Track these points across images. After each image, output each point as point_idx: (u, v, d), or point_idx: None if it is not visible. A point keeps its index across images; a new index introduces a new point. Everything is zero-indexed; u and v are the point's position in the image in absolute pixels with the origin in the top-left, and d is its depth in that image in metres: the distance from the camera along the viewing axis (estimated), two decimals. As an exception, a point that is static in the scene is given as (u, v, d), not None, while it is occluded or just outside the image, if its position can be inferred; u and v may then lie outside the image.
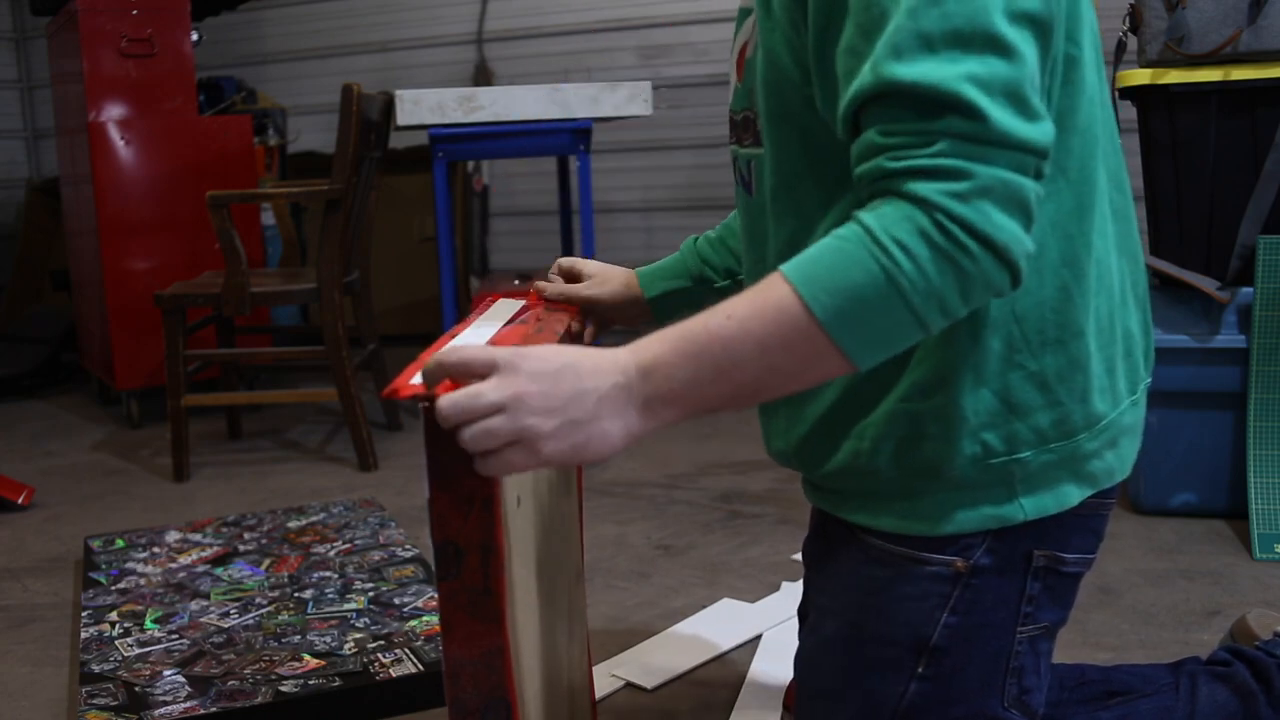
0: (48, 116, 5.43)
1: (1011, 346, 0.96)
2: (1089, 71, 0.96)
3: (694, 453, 2.79)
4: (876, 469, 1.01)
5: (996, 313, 0.95)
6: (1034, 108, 0.81)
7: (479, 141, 2.98)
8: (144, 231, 3.32)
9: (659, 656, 1.64)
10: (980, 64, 0.80)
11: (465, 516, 0.76)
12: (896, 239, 0.79)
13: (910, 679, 1.03)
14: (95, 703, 1.51)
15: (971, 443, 0.97)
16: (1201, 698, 1.19)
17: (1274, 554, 1.92)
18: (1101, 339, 1.00)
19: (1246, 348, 2.00)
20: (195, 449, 2.98)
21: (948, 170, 0.79)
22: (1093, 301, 0.99)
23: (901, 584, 1.02)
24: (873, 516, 1.04)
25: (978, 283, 0.81)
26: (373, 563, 1.99)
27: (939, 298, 0.81)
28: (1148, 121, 2.16)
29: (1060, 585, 1.05)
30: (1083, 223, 0.97)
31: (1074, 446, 0.99)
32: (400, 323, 4.45)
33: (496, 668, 0.77)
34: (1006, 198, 0.80)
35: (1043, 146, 0.82)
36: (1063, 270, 0.96)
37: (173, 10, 3.34)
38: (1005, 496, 0.99)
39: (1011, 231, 0.80)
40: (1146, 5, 2.10)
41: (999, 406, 0.97)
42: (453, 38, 4.87)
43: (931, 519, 1.00)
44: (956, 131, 0.79)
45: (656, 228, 4.55)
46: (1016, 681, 1.04)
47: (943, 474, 0.99)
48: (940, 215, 0.79)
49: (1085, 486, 1.01)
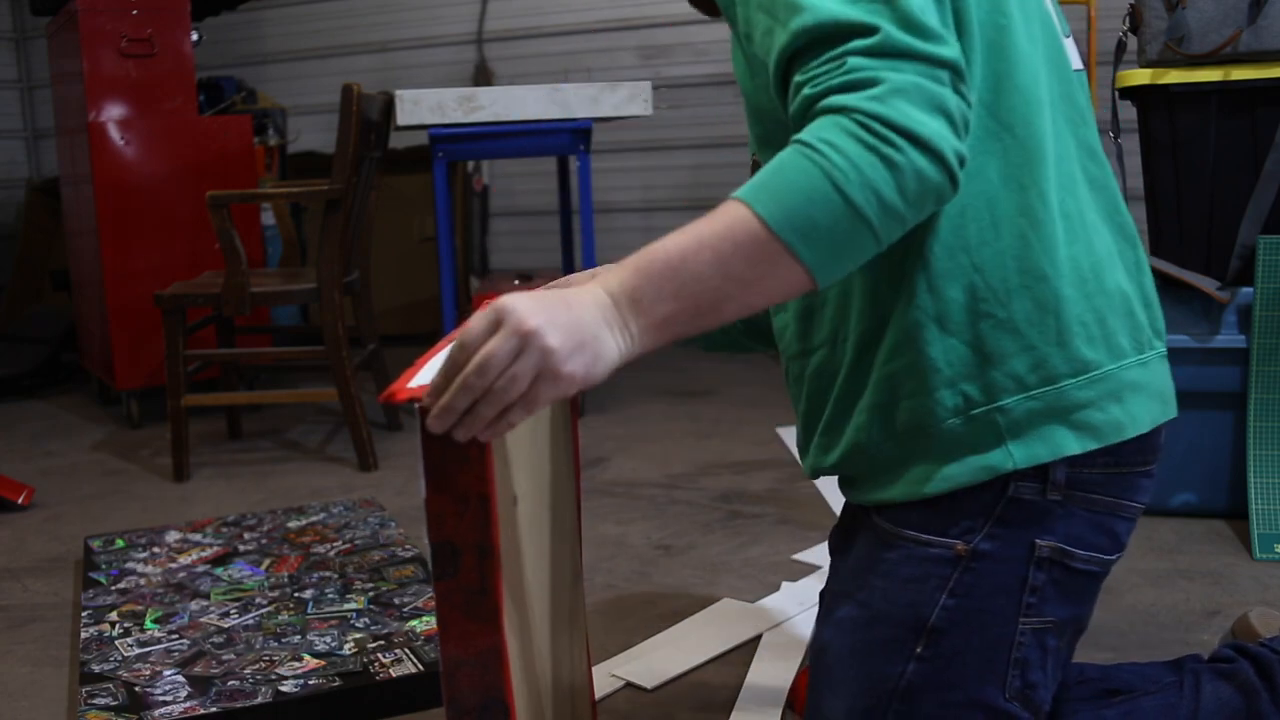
0: (48, 116, 5.44)
1: (976, 296, 0.99)
2: (1020, 39, 1.01)
3: (694, 453, 2.79)
4: (874, 442, 1.05)
5: (951, 263, 0.99)
6: (928, 29, 0.88)
7: (479, 141, 2.98)
8: (144, 231, 3.32)
9: (659, 656, 1.64)
10: (867, 6, 0.88)
11: (461, 516, 0.76)
12: (825, 139, 0.85)
13: (909, 659, 1.04)
14: (95, 703, 1.51)
15: (951, 394, 1.00)
16: (1205, 695, 1.19)
17: (1274, 554, 1.92)
18: (1084, 287, 1.02)
19: (1246, 348, 2.00)
20: (195, 449, 2.98)
21: (860, 81, 0.85)
22: (1064, 250, 1.01)
23: (905, 566, 1.04)
24: (883, 490, 1.07)
25: (909, 174, 0.85)
26: (373, 563, 1.99)
27: (874, 190, 0.84)
28: (1148, 121, 2.16)
29: (1070, 581, 1.05)
30: (1035, 174, 1.00)
31: (1059, 393, 1.00)
32: (400, 323, 4.46)
33: (493, 667, 0.77)
34: (923, 99, 0.85)
35: (947, 59, 0.87)
36: (1019, 219, 1.00)
37: (173, 10, 3.34)
38: (993, 444, 1.01)
39: (933, 126, 0.85)
40: (1146, 5, 2.10)
41: (972, 356, 1.00)
42: (453, 38, 4.87)
43: (921, 479, 1.03)
44: (861, 49, 0.86)
45: (656, 228, 4.55)
46: (1020, 674, 1.04)
47: (929, 431, 1.01)
48: (860, 115, 0.84)
49: (1086, 438, 1.01)
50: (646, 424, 3.11)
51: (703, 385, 3.59)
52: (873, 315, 1.04)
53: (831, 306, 1.09)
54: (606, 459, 2.76)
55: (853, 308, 1.06)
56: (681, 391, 3.51)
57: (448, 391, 0.81)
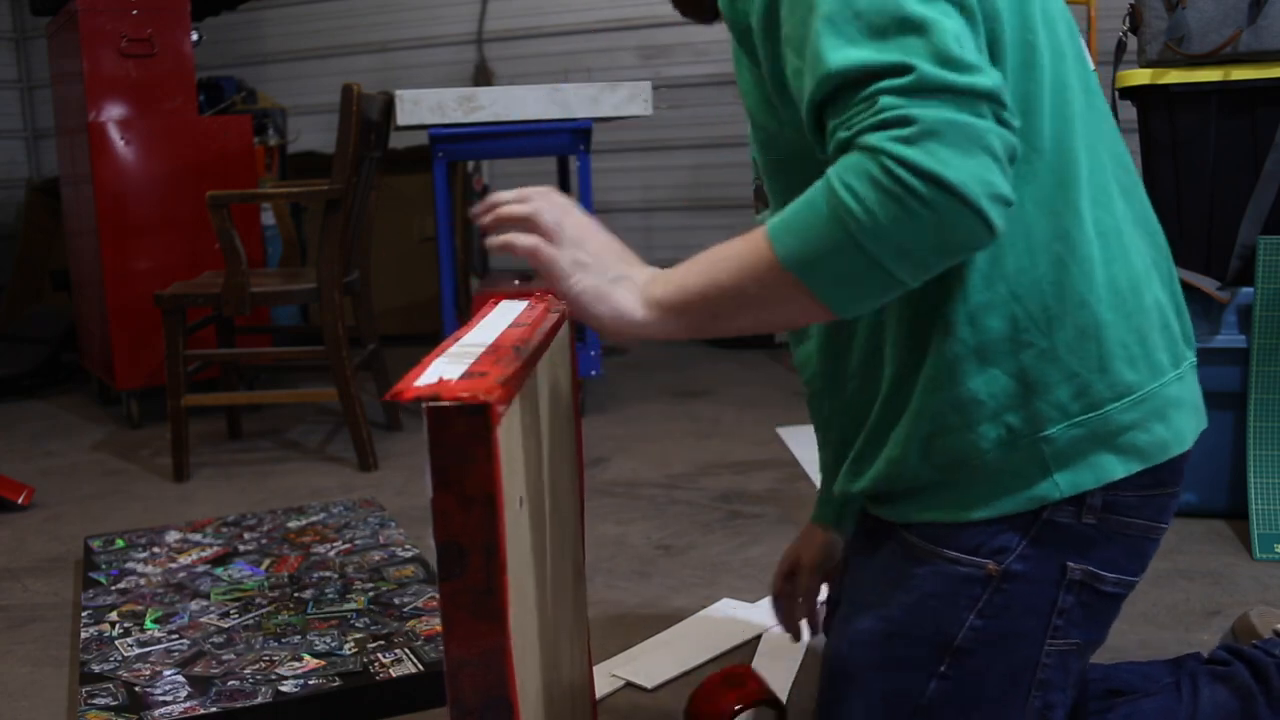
0: (48, 116, 5.43)
1: (1016, 325, 0.97)
2: (1046, 55, 0.98)
3: (694, 453, 2.79)
4: (910, 469, 1.03)
5: (990, 294, 0.97)
6: (962, 61, 0.83)
7: (479, 141, 2.98)
8: (144, 231, 3.32)
9: (659, 656, 1.64)
10: (899, 44, 0.84)
11: (468, 516, 0.76)
12: (846, 183, 0.83)
13: (932, 677, 1.03)
14: (95, 703, 1.51)
15: (994, 426, 0.98)
16: (1203, 699, 1.19)
17: (1274, 554, 1.92)
18: (1123, 308, 1.00)
19: (1246, 348, 2.00)
20: (195, 449, 2.98)
21: (892, 120, 0.82)
22: (1101, 272, 0.99)
23: (935, 583, 1.03)
24: (920, 510, 1.05)
25: (931, 225, 0.82)
26: (373, 563, 1.99)
27: (893, 240, 0.83)
28: (1148, 121, 2.16)
29: (1097, 604, 1.04)
30: (1068, 197, 0.98)
31: (1104, 419, 0.99)
32: (400, 323, 4.45)
33: (497, 667, 0.77)
34: (960, 137, 0.81)
35: (986, 89, 0.83)
36: (1055, 245, 0.98)
37: (173, 10, 3.34)
38: (1038, 474, 0.99)
39: (968, 169, 0.81)
40: (1146, 5, 2.10)
41: (1015, 387, 0.98)
42: (453, 38, 4.87)
43: (966, 505, 1.01)
44: (893, 88, 0.83)
45: (656, 228, 4.55)
46: (1041, 695, 1.04)
47: (972, 463, 1.00)
48: (886, 159, 0.81)
49: (1131, 460, 1.00)
50: (646, 424, 3.11)
51: (703, 385, 3.59)
52: (909, 347, 1.02)
53: (862, 337, 1.07)
54: (606, 459, 2.76)
55: (886, 339, 1.04)
56: (681, 391, 3.51)
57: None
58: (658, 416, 3.20)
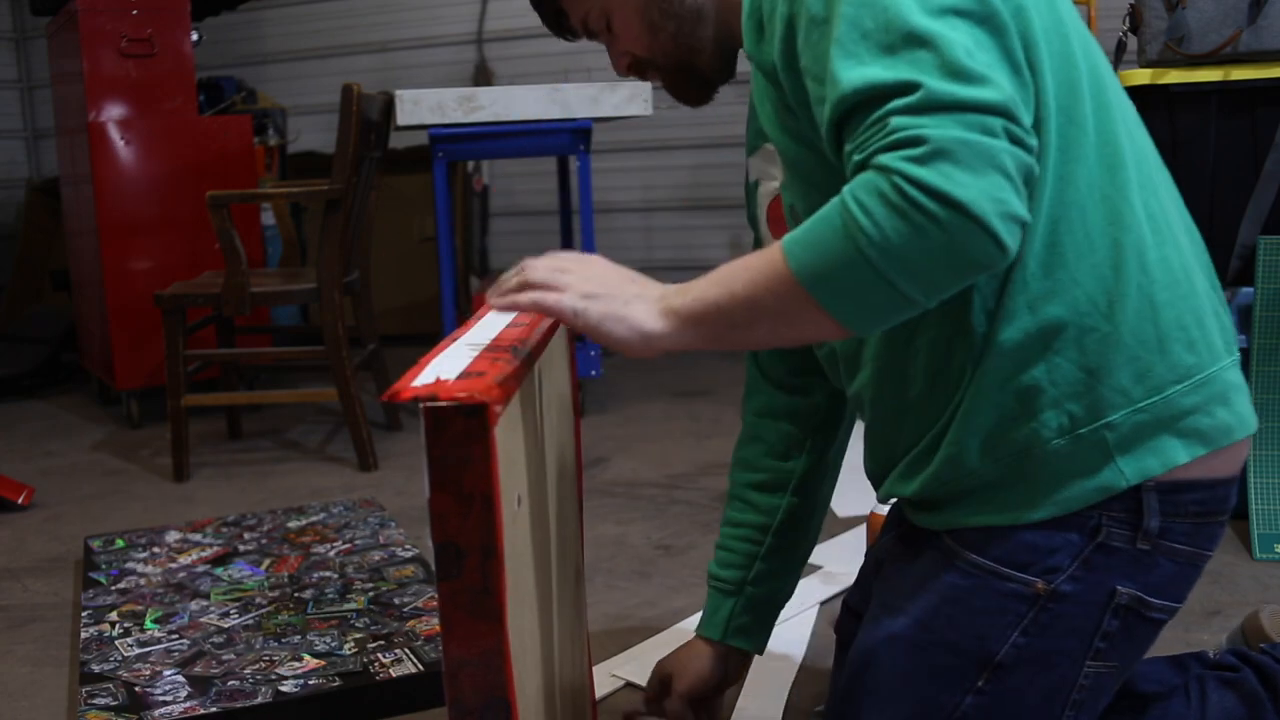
0: (48, 116, 5.43)
1: (1078, 311, 0.97)
2: (1077, 47, 0.98)
3: (694, 453, 2.79)
4: (969, 466, 1.01)
5: (1050, 281, 0.96)
6: (972, 73, 0.83)
7: (479, 141, 2.98)
8: (144, 231, 3.32)
9: (659, 656, 1.64)
10: (908, 59, 0.85)
11: (465, 516, 0.76)
12: (859, 200, 0.83)
13: (968, 692, 1.03)
14: (95, 703, 1.51)
15: (1056, 414, 0.97)
16: (1211, 704, 1.18)
17: (1274, 554, 1.92)
18: (1177, 289, 0.99)
19: (1246, 348, 2.00)
20: (195, 449, 2.98)
21: (903, 140, 0.82)
22: (1154, 253, 0.98)
23: (980, 597, 1.02)
24: (976, 514, 1.03)
25: (941, 243, 0.82)
26: (373, 563, 1.99)
27: (902, 259, 0.83)
28: (1148, 122, 2.14)
29: (1140, 629, 1.03)
30: (1116, 180, 0.98)
31: (1166, 402, 0.98)
32: (400, 323, 4.45)
33: (496, 667, 0.77)
34: (972, 156, 0.81)
35: (994, 104, 0.83)
36: (1110, 229, 0.97)
37: (173, 10, 3.34)
38: (1102, 462, 0.98)
39: (979, 188, 0.81)
40: (1146, 5, 2.10)
41: (1078, 374, 0.97)
42: (453, 38, 4.87)
43: (1030, 503, 1.00)
44: (902, 107, 0.83)
45: (656, 227, 4.55)
46: (1075, 715, 1.03)
47: (1033, 453, 0.98)
48: (897, 178, 0.82)
49: (1195, 444, 0.99)
50: (646, 424, 3.11)
51: (703, 385, 3.59)
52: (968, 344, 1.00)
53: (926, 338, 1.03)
54: (606, 459, 2.76)
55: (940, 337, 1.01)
56: (681, 391, 3.51)
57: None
58: (658, 416, 3.20)
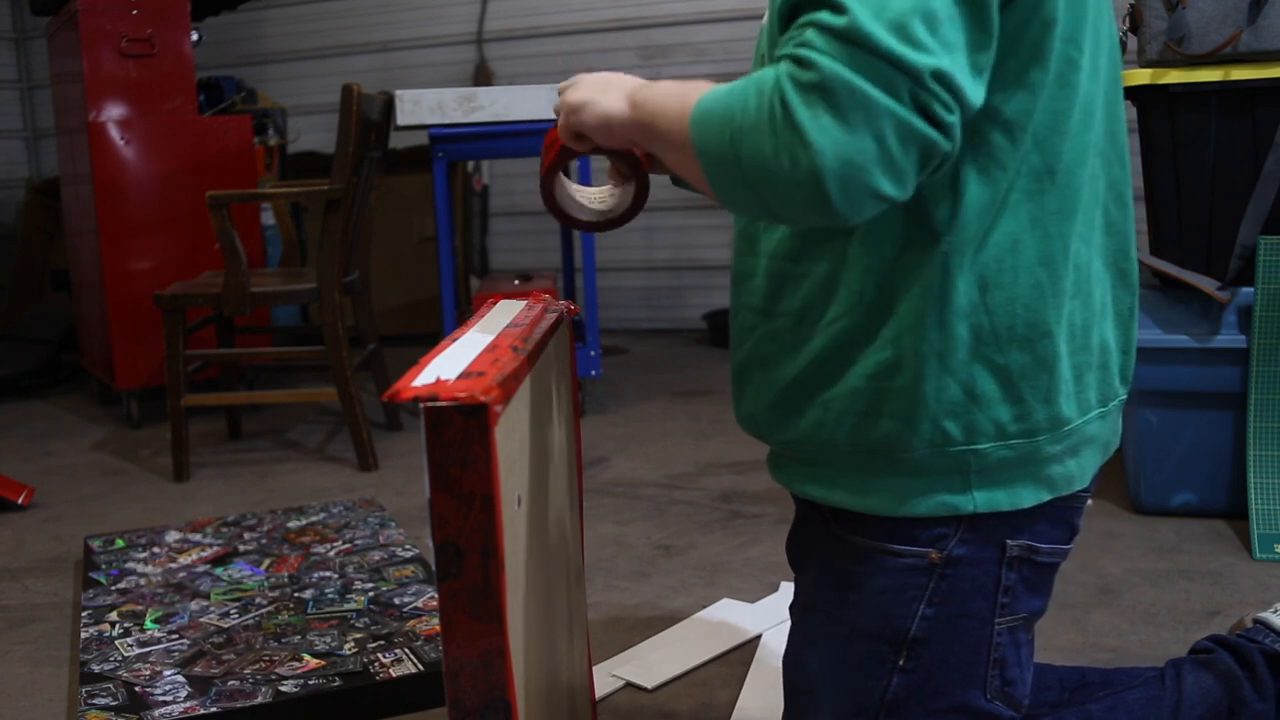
0: (48, 116, 5.43)
1: (979, 338, 0.97)
2: (1084, 77, 0.96)
3: (694, 453, 2.79)
4: (835, 442, 1.02)
5: (968, 301, 0.96)
6: (921, 40, 0.78)
7: (479, 141, 2.98)
8: (144, 231, 3.32)
9: (659, 656, 1.64)
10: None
11: (465, 517, 0.76)
12: (753, 89, 0.83)
13: (892, 672, 1.04)
14: (95, 703, 1.51)
15: (931, 427, 0.98)
16: (1187, 685, 1.20)
17: (1274, 554, 1.92)
18: (1073, 344, 1.01)
19: (1246, 348, 2.00)
20: (195, 449, 2.98)
21: (799, 58, 0.79)
22: (1066, 305, 0.99)
23: (877, 578, 1.03)
24: (827, 490, 1.04)
25: (779, 174, 0.80)
26: (373, 563, 1.99)
27: (751, 164, 0.82)
28: (1148, 122, 2.16)
29: (1036, 576, 1.05)
30: (1064, 225, 0.97)
31: (1034, 447, 0.99)
32: (400, 323, 4.45)
33: (496, 668, 0.77)
34: (851, 106, 0.77)
35: (914, 65, 0.77)
36: (1038, 269, 0.97)
37: (173, 10, 3.34)
38: (959, 486, 1.00)
39: (834, 141, 0.77)
40: (1146, 5, 2.10)
41: (961, 395, 0.98)
42: (453, 38, 4.87)
43: (887, 500, 1.01)
44: (822, 23, 0.79)
45: (657, 227, 4.54)
46: (999, 673, 1.05)
47: (898, 455, 0.99)
48: (776, 92, 0.80)
49: (1042, 490, 1.02)
50: (646, 424, 3.11)
51: (702, 385, 3.59)
52: (866, 318, 0.99)
53: (813, 282, 1.02)
54: (606, 459, 2.76)
55: (840, 296, 1.00)
56: (681, 391, 3.51)
57: None
58: (658, 416, 3.20)
